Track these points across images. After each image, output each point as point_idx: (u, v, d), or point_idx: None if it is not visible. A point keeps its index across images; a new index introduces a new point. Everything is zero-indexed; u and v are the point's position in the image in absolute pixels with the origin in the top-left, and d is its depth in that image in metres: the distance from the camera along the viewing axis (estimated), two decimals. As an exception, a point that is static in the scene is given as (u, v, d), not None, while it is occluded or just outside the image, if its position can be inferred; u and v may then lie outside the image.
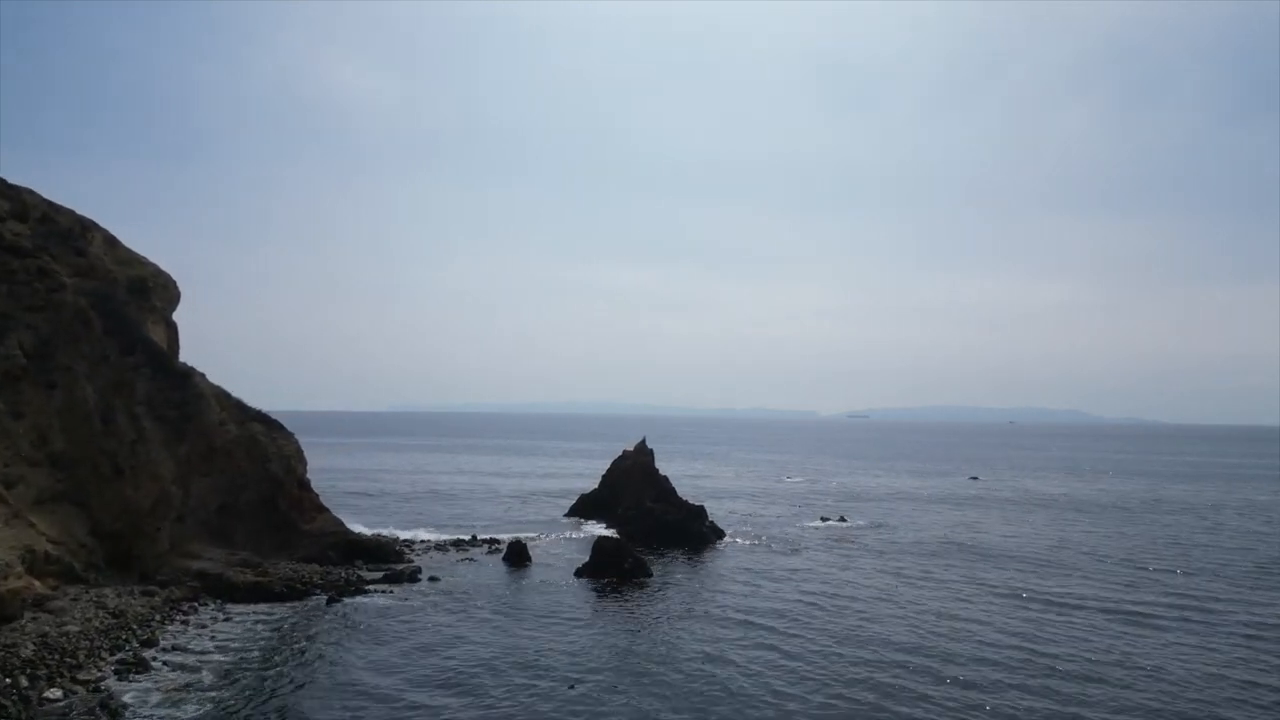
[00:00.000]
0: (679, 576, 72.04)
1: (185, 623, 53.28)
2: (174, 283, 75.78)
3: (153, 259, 76.16)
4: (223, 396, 73.92)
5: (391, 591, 63.42)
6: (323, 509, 77.69)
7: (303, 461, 77.39)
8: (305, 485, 77.17)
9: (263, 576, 62.68)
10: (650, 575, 71.55)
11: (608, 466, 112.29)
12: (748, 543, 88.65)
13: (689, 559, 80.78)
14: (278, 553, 71.26)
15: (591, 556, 72.66)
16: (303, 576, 65.53)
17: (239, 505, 71.30)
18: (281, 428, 77.24)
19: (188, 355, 77.13)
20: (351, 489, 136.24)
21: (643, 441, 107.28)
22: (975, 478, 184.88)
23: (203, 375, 73.59)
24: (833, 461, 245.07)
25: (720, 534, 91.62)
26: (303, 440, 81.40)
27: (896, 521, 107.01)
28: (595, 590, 66.85)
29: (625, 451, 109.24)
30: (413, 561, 76.89)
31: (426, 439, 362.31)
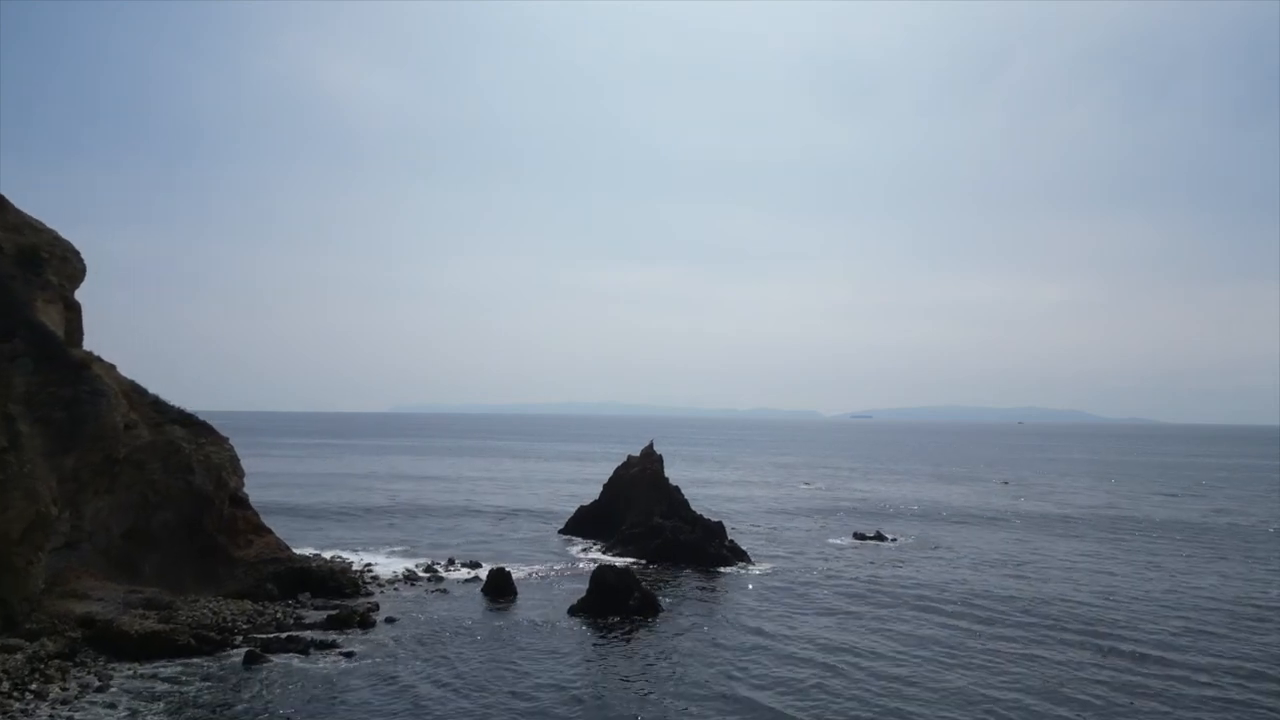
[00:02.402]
0: (696, 617, 58.20)
1: (41, 695, 39.54)
2: (77, 255, 61.96)
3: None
4: (135, 393, 60.25)
5: (335, 643, 49.57)
6: (263, 530, 64.01)
7: (238, 472, 63.67)
8: (241, 502, 63.49)
9: (167, 623, 48.86)
10: (660, 613, 57.80)
11: (609, 473, 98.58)
12: (775, 568, 74.68)
13: (707, 590, 66.96)
14: (201, 586, 57.56)
15: (590, 590, 58.92)
16: (223, 620, 51.78)
17: (151, 529, 57.56)
18: (211, 431, 63.50)
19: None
20: (321, 501, 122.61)
21: (650, 446, 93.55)
22: (1006, 482, 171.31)
23: (111, 366, 59.94)
24: (846, 465, 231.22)
25: (741, 556, 77.79)
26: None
27: (943, 539, 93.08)
28: (593, 635, 53.15)
29: (630, 457, 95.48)
30: (373, 594, 63.38)
31: (419, 440, 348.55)
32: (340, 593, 61.83)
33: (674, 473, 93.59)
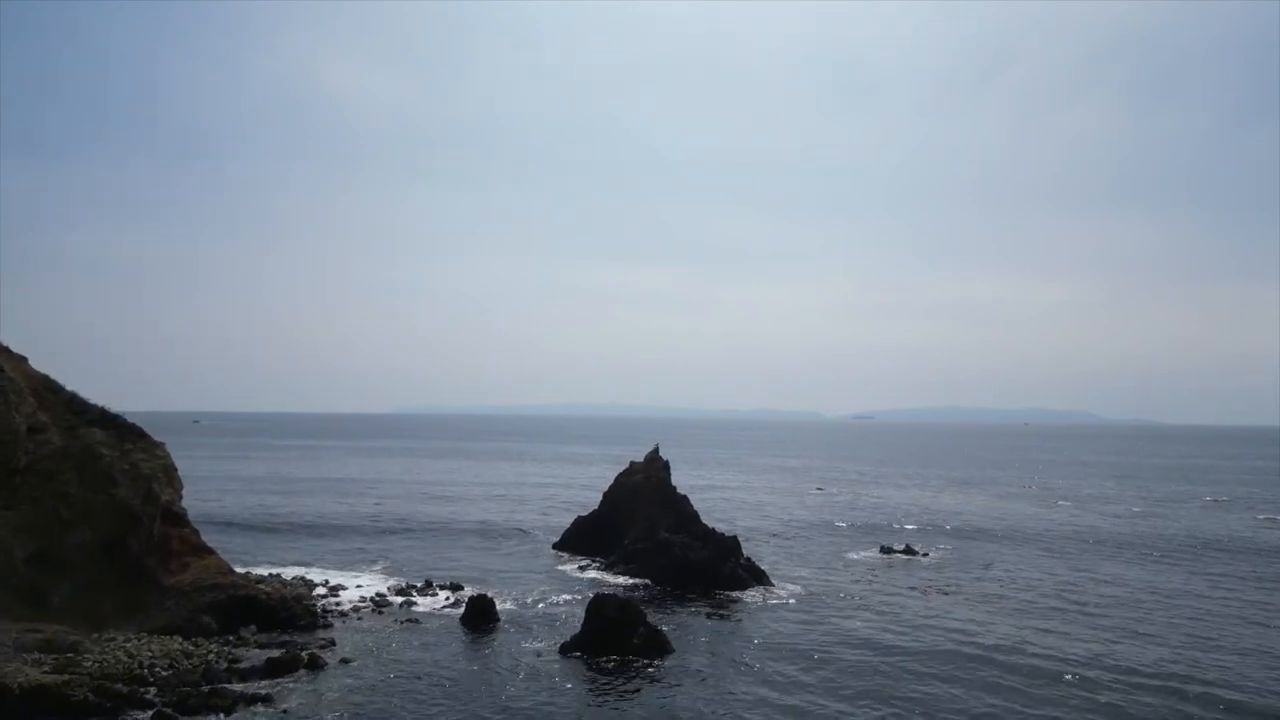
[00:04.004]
0: (712, 659, 48.82)
1: None
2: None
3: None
4: (46, 391, 51.08)
5: (269, 696, 40.29)
6: (203, 551, 54.76)
7: (174, 483, 54.46)
8: (176, 518, 54.25)
9: (62, 673, 39.66)
10: (670, 653, 48.51)
11: (609, 478, 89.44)
12: (800, 593, 65.15)
13: (723, 621, 57.55)
14: (122, 621, 48.41)
15: (586, 624, 49.63)
16: (138, 666, 42.55)
17: (63, 552, 48.47)
18: (142, 435, 54.28)
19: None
20: (298, 509, 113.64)
21: (655, 451, 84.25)
22: (1039, 487, 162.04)
23: (22, 359, 50.81)
24: (855, 468, 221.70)
25: (758, 576, 68.44)
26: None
27: (981, 557, 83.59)
28: (587, 683, 43.90)
29: (633, 463, 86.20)
30: (331, 626, 54.17)
31: (415, 442, 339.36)
32: (293, 624, 52.70)
33: (678, 477, 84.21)
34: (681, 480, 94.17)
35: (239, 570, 67.54)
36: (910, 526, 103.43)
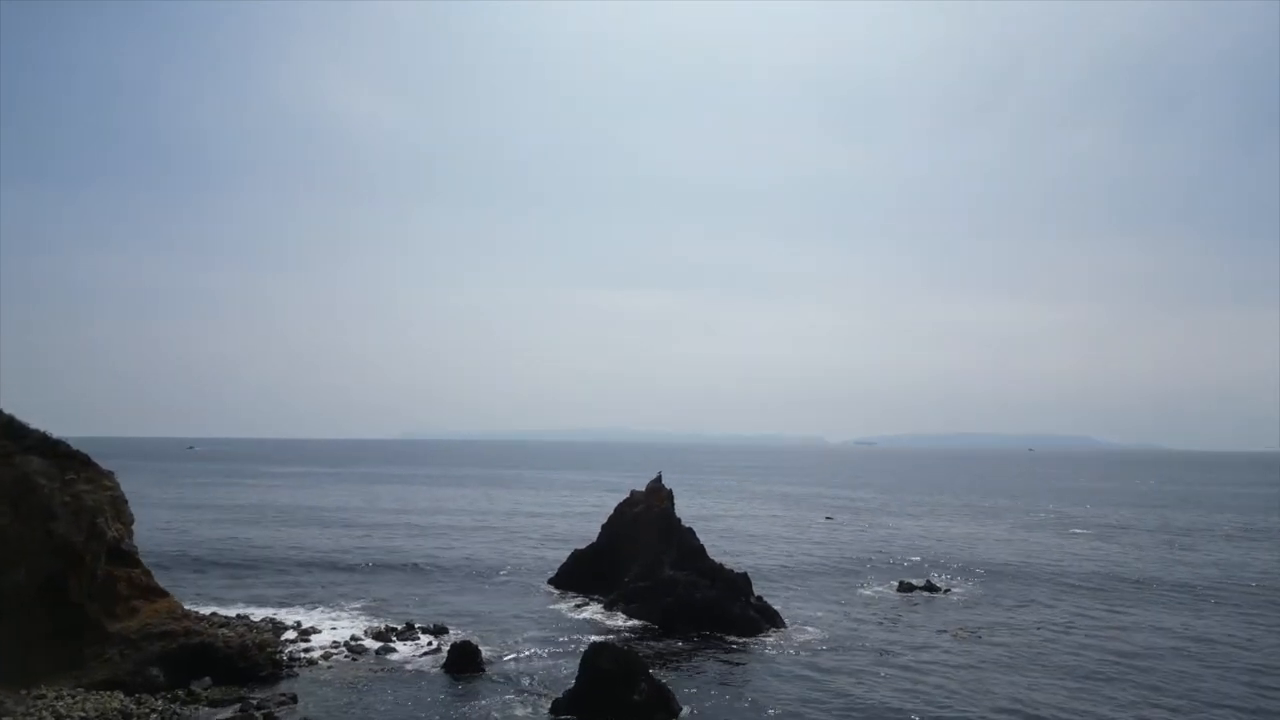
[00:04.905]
0: (723, 716, 43.17)
1: None
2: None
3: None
4: (-24, 413, 45.80)
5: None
6: (154, 593, 49.18)
7: (123, 518, 49.05)
8: (125, 556, 48.70)
9: (-31, 743, 34.13)
10: (676, 714, 42.86)
11: (611, 506, 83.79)
12: (819, 638, 59.19)
13: (735, 671, 51.77)
14: (58, 674, 42.83)
15: (580, 678, 43.94)
16: (64, 732, 36.99)
17: (-10, 595, 42.90)
18: (87, 464, 48.85)
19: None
20: (278, 540, 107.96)
21: (658, 479, 78.74)
22: (1061, 513, 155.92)
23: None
24: (863, 495, 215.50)
25: (771, 618, 62.69)
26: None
27: (1005, 594, 77.89)
28: (584, 750, 38.21)
29: (634, 493, 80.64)
30: (296, 676, 48.56)
31: (416, 468, 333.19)
32: (253, 675, 47.12)
33: (682, 505, 78.42)
34: (687, 509, 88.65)
35: (206, 611, 62.24)
36: (926, 559, 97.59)
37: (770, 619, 62.19)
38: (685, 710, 43.24)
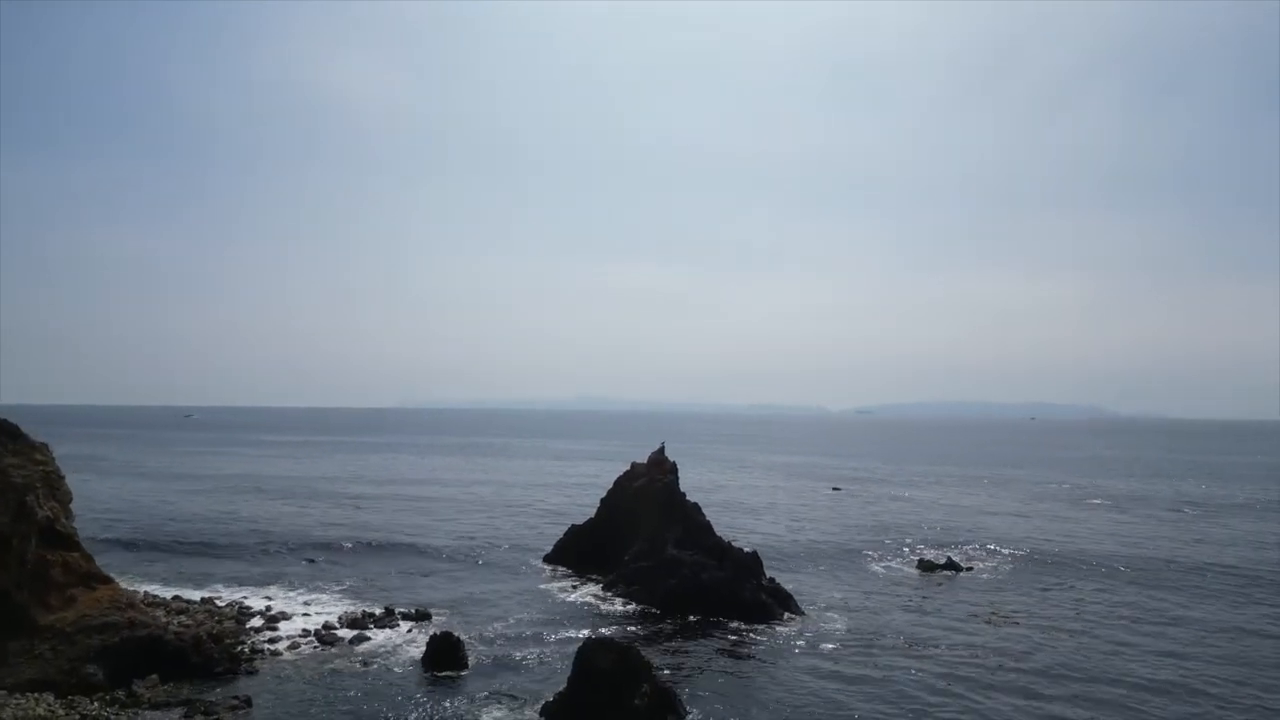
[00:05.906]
0: (738, 720, 38.01)
1: None
2: None
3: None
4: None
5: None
6: (95, 579, 43.79)
7: (58, 495, 43.61)
8: (61, 539, 43.27)
9: None
10: (682, 718, 37.69)
11: (610, 478, 78.55)
12: (838, 626, 53.84)
13: (747, 665, 46.56)
14: (-23, 673, 37.50)
15: (574, 677, 38.68)
16: (-30, 747, 31.78)
17: (-104, 585, 37.54)
18: (16, 436, 43.30)
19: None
20: (260, 514, 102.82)
21: (660, 451, 73.40)
22: (1080, 489, 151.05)
23: None
24: (867, 465, 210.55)
25: (785, 601, 57.49)
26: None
27: (1031, 573, 72.86)
28: (577, 765, 33.01)
29: (634, 465, 75.24)
30: (256, 672, 43.37)
31: (409, 437, 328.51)
32: (207, 671, 42.01)
33: (685, 476, 73.01)
34: (690, 480, 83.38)
35: (169, 595, 57.29)
36: (941, 533, 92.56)
37: (784, 603, 57.00)
38: (692, 715, 38.05)
